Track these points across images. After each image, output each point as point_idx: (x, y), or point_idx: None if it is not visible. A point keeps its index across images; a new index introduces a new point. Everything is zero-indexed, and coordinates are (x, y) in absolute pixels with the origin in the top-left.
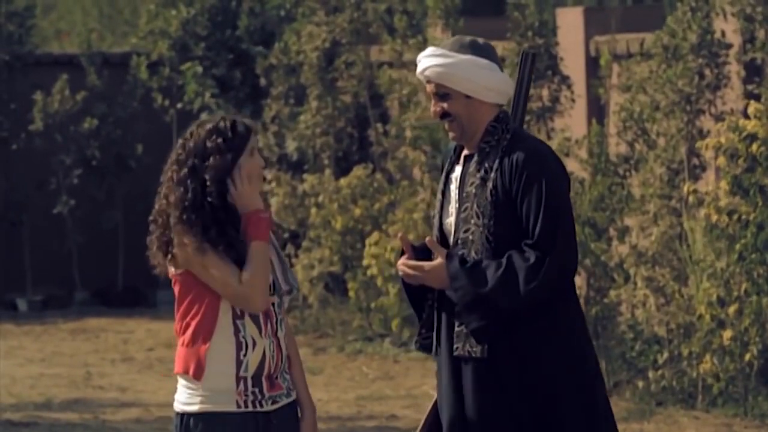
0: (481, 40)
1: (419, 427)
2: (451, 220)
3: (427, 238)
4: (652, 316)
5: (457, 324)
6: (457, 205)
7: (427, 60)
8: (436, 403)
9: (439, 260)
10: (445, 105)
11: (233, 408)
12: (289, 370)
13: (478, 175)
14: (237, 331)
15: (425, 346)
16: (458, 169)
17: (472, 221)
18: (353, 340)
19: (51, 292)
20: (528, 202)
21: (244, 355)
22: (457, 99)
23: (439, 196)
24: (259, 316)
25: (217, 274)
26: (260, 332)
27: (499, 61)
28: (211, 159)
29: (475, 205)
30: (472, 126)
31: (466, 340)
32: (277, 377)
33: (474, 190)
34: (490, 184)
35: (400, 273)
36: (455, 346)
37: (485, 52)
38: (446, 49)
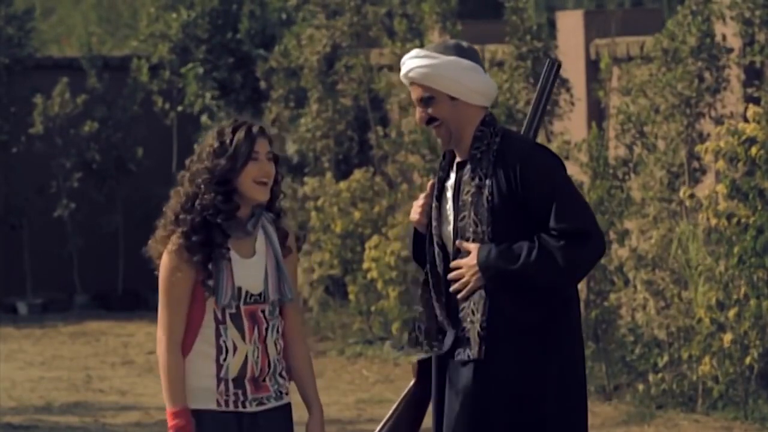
0: (465, 44)
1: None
2: (449, 228)
3: (457, 242)
4: (652, 319)
5: (459, 329)
6: (455, 213)
7: (412, 61)
8: (406, 400)
9: (472, 255)
10: (430, 110)
11: (213, 407)
12: (297, 373)
13: (473, 183)
14: (218, 336)
15: (416, 342)
16: (452, 176)
17: (471, 229)
18: (353, 343)
19: (51, 295)
20: (540, 199)
21: (224, 359)
22: (442, 102)
23: (434, 203)
24: (243, 321)
25: (169, 300)
26: (243, 338)
27: (483, 64)
28: (210, 162)
29: (472, 214)
30: (459, 129)
31: (465, 344)
32: (264, 380)
33: (470, 199)
34: (486, 191)
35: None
36: (457, 351)
37: (469, 54)
38: (430, 50)
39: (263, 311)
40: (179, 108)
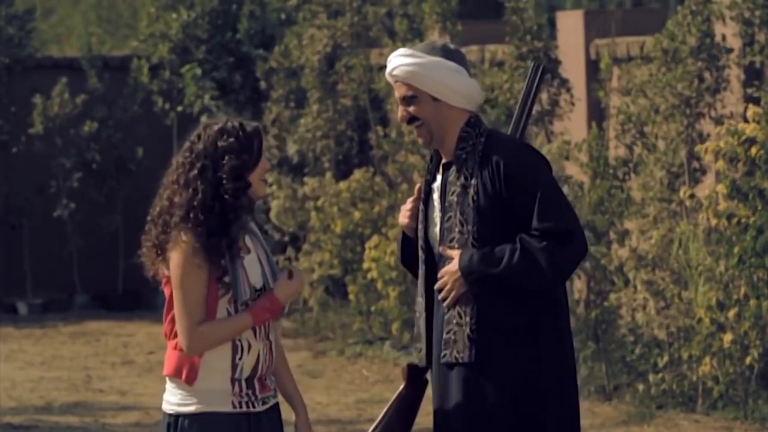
0: (452, 45)
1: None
2: (436, 230)
3: (441, 248)
4: (652, 319)
5: (445, 331)
6: (441, 215)
7: (397, 59)
8: (396, 402)
9: (454, 262)
10: (411, 109)
11: (229, 408)
12: (277, 370)
13: (459, 183)
14: None
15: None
16: (439, 178)
17: (456, 229)
18: (353, 343)
19: (51, 295)
20: (524, 200)
21: (240, 358)
22: (424, 102)
23: (421, 206)
24: None
25: (187, 293)
26: (255, 335)
27: (469, 67)
28: (227, 158)
29: (458, 213)
30: (441, 131)
31: (453, 346)
32: (266, 378)
33: (456, 199)
34: (471, 191)
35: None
36: (443, 353)
37: (455, 56)
38: (417, 50)
39: None
40: (179, 108)
